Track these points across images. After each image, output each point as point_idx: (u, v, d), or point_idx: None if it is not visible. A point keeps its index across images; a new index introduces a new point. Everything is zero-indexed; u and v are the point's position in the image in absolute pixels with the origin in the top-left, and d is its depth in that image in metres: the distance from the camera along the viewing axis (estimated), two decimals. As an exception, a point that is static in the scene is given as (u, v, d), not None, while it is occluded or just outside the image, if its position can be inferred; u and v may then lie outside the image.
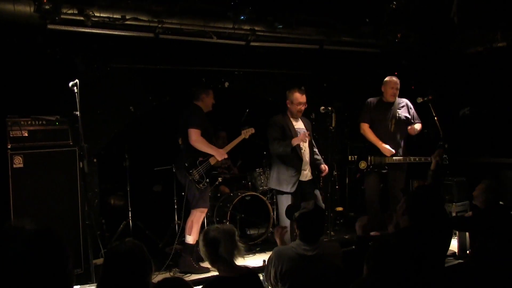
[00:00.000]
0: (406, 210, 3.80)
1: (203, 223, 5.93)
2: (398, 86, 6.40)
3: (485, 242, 4.28)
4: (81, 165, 4.53)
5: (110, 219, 6.58)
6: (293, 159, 5.76)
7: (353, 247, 5.19)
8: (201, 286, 3.21)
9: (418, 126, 6.42)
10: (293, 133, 5.78)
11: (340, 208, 7.56)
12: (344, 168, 7.68)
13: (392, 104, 6.42)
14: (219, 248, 3.16)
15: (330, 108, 5.79)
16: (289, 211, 4.32)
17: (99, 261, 4.72)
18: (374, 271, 2.78)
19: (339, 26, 7.01)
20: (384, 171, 6.38)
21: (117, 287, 2.33)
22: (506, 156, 7.20)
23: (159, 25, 5.87)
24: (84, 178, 4.51)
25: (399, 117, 6.34)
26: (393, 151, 6.28)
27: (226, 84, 7.14)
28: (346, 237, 6.60)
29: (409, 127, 6.40)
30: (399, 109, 6.41)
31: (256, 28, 6.45)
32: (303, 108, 5.81)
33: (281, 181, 5.81)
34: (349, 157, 7.55)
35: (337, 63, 7.77)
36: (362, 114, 6.57)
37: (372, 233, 6.58)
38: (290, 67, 7.56)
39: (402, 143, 6.43)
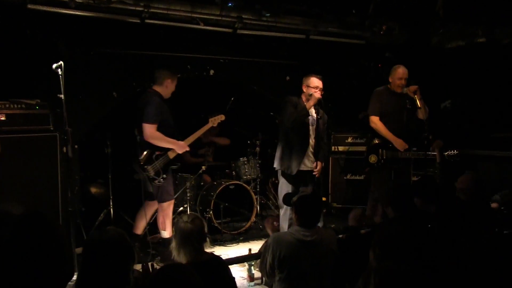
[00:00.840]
0: (391, 202, 3.80)
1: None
2: (407, 76, 5.97)
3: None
4: (64, 150, 4.29)
5: (91, 208, 6.32)
6: (300, 142, 5.54)
7: (340, 236, 5.10)
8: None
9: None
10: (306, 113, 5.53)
11: (323, 199, 7.42)
12: (328, 158, 7.53)
13: (401, 93, 5.95)
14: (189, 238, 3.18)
15: None
16: (287, 197, 4.21)
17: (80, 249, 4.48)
18: (383, 256, 2.73)
19: (326, 16, 6.87)
20: (396, 166, 6.01)
21: (98, 275, 2.25)
22: (485, 148, 7.17)
23: (145, 10, 5.65)
24: (68, 163, 4.24)
25: (411, 108, 5.87)
26: (407, 145, 5.93)
27: (212, 71, 6.95)
28: (332, 226, 6.47)
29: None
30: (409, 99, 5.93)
31: (243, 16, 6.28)
32: (320, 93, 5.50)
33: (284, 162, 5.59)
34: (333, 147, 7.47)
35: (322, 53, 7.63)
36: (371, 105, 6.12)
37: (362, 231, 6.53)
38: (276, 57, 7.42)
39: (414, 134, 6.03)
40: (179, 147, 5.30)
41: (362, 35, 7.24)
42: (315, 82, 5.54)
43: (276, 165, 5.71)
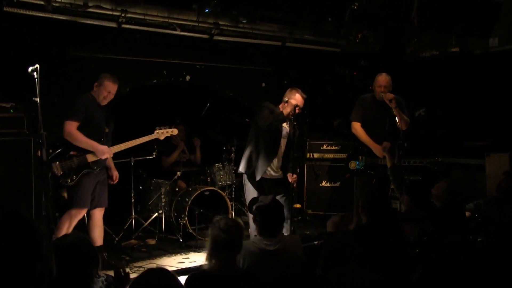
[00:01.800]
0: (363, 208, 3.88)
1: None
2: (387, 84, 6.00)
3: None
4: (39, 154, 4.28)
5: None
6: (269, 149, 5.55)
7: (315, 242, 5.22)
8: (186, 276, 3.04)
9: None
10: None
11: (298, 205, 7.54)
12: (303, 165, 7.66)
13: (385, 102, 5.92)
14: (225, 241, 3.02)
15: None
16: (250, 204, 4.25)
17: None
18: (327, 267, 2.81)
19: (302, 23, 7.02)
20: (375, 172, 6.07)
21: (61, 278, 2.21)
22: (458, 156, 7.35)
23: (122, 14, 5.73)
24: (42, 167, 4.27)
25: (395, 117, 5.81)
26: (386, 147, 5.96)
27: (188, 77, 7.02)
28: (307, 233, 6.58)
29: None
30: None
31: (220, 22, 6.40)
32: (298, 111, 5.54)
33: (250, 166, 5.59)
34: (308, 154, 7.60)
35: (298, 60, 7.76)
36: (354, 112, 6.21)
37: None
38: (252, 63, 7.53)
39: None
40: (100, 151, 5.02)
41: (337, 43, 7.40)
42: (299, 100, 5.54)
43: (241, 168, 5.70)
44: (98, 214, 5.26)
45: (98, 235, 5.23)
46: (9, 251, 1.46)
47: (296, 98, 5.55)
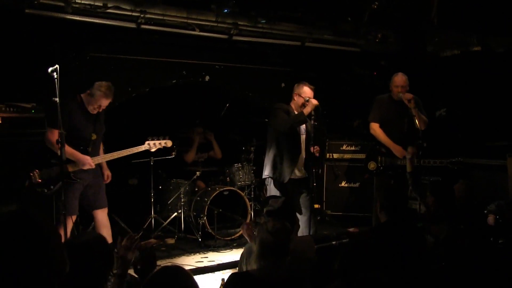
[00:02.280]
0: (382, 207, 3.82)
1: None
2: (404, 84, 5.97)
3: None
4: (59, 153, 4.33)
5: (84, 212, 6.37)
6: (292, 149, 5.56)
7: (333, 242, 5.18)
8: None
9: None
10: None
11: (317, 206, 7.50)
12: (322, 165, 7.62)
13: (403, 103, 5.89)
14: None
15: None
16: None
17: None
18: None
19: (321, 23, 6.97)
20: (395, 173, 6.02)
21: (75, 278, 2.21)
22: (479, 157, 7.25)
23: (141, 15, 5.72)
24: (61, 166, 4.30)
25: (414, 117, 5.75)
26: (405, 152, 5.86)
27: (207, 77, 7.02)
28: (325, 233, 6.54)
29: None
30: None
31: (239, 22, 6.36)
32: (307, 103, 5.49)
33: (275, 169, 5.59)
34: (327, 154, 7.56)
35: (317, 60, 7.72)
36: (372, 112, 6.20)
37: (350, 229, 6.60)
38: (271, 63, 7.52)
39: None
40: (82, 162, 4.77)
41: (356, 42, 7.32)
42: (308, 92, 5.56)
43: (267, 173, 5.69)
44: (101, 215, 5.15)
45: (105, 234, 4.94)
46: (12, 251, 1.45)
47: (305, 92, 5.56)
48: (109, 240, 4.97)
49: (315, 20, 6.89)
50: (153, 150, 5.24)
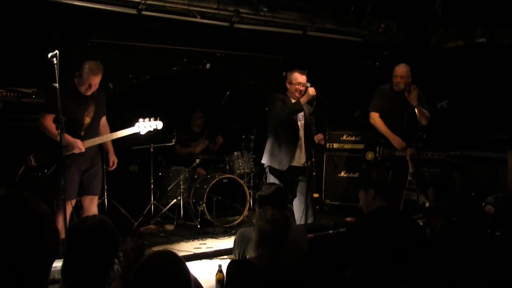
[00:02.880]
0: (376, 192, 3.81)
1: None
2: (404, 74, 5.90)
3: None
4: (58, 139, 4.34)
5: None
6: (289, 137, 5.55)
7: (330, 231, 5.19)
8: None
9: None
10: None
11: (316, 195, 7.51)
12: (322, 155, 7.62)
13: (401, 93, 5.87)
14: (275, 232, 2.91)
15: None
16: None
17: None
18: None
19: (323, 13, 6.93)
20: (393, 164, 6.00)
21: (81, 262, 2.26)
22: (479, 149, 7.23)
23: (143, 1, 5.72)
24: (61, 152, 4.32)
25: (414, 109, 5.75)
26: (405, 144, 5.90)
27: (208, 65, 7.03)
28: (323, 222, 6.54)
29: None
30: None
31: (241, 10, 6.35)
32: (301, 88, 5.47)
33: (274, 158, 5.59)
34: (327, 144, 7.55)
35: (319, 50, 7.70)
36: (373, 102, 6.15)
37: (348, 219, 6.61)
38: (273, 52, 7.50)
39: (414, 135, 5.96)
40: (70, 145, 4.68)
41: (359, 33, 7.29)
42: (298, 78, 5.49)
43: (265, 161, 5.71)
44: (88, 202, 5.06)
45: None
46: (3, 233, 1.45)
47: (295, 78, 5.51)
48: None
49: (317, 9, 6.86)
50: (143, 132, 5.06)
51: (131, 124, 5.06)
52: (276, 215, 2.97)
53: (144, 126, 5.02)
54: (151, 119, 5.07)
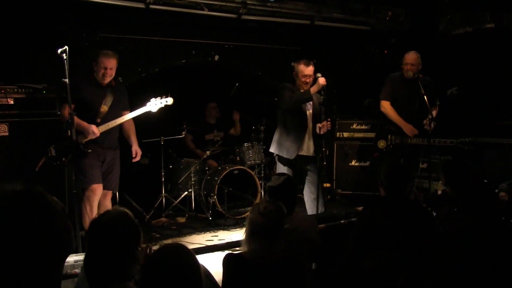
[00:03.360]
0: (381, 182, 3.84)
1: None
2: (415, 62, 5.89)
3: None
4: (69, 133, 4.38)
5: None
6: (297, 126, 5.55)
7: (341, 221, 5.19)
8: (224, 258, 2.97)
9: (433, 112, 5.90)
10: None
11: (327, 185, 7.49)
12: (332, 144, 7.60)
13: (415, 81, 5.82)
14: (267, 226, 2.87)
15: None
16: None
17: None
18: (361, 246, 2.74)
19: (330, 2, 6.90)
20: (405, 152, 6.00)
21: (104, 255, 2.23)
22: (490, 136, 7.18)
23: (150, -5, 5.72)
24: (72, 146, 4.35)
25: (424, 96, 5.71)
26: (416, 131, 5.89)
27: (216, 57, 7.00)
28: (335, 211, 6.53)
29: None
30: (424, 88, 5.77)
31: (248, 1, 6.33)
32: (308, 80, 5.44)
33: (281, 146, 5.60)
34: (337, 133, 7.53)
35: (327, 39, 7.68)
36: (383, 90, 6.13)
37: (359, 208, 6.59)
38: (281, 42, 7.47)
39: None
40: (86, 131, 4.87)
41: (367, 21, 7.25)
42: (304, 70, 5.46)
43: (273, 149, 5.73)
44: (102, 196, 5.15)
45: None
46: (18, 228, 1.42)
47: (302, 71, 5.48)
48: None
49: (324, -2, 6.84)
50: (154, 110, 5.11)
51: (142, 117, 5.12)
52: (269, 207, 2.93)
53: (155, 103, 5.08)
54: (162, 96, 5.14)
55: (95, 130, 4.87)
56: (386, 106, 6.09)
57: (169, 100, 5.15)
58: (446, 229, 3.85)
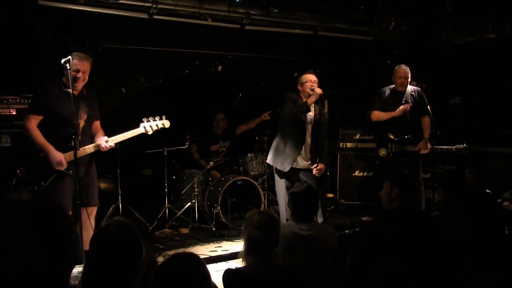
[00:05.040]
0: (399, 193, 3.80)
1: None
2: (407, 75, 6.12)
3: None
4: (72, 144, 4.27)
5: (99, 202, 6.36)
6: (296, 139, 5.47)
7: (346, 231, 5.13)
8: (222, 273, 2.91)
9: (426, 119, 6.12)
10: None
11: (330, 195, 7.42)
12: (335, 154, 7.53)
13: (404, 93, 6.15)
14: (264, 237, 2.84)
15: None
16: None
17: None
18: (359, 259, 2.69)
19: (334, 12, 6.86)
20: (405, 159, 6.12)
21: (105, 267, 2.18)
22: (494, 145, 7.13)
23: (154, 5, 5.68)
24: (76, 156, 4.24)
25: (412, 107, 6.05)
26: (407, 106, 6.02)
27: (220, 67, 6.96)
28: (339, 222, 6.46)
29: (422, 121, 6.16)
30: (411, 98, 6.13)
31: (251, 12, 6.29)
32: (314, 85, 5.36)
33: (277, 158, 5.54)
34: (341, 143, 7.47)
35: (330, 49, 7.64)
36: (375, 102, 6.36)
37: (363, 218, 6.52)
38: (284, 53, 7.42)
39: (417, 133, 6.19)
40: (51, 159, 4.19)
41: (370, 31, 7.20)
42: (309, 76, 5.46)
43: (269, 160, 5.69)
44: (85, 215, 4.43)
45: (85, 237, 4.23)
46: (39, 235, 1.43)
47: (306, 77, 5.47)
48: (86, 247, 3.96)
49: (327, 9, 6.79)
50: (150, 133, 4.63)
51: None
52: (263, 219, 2.91)
53: (150, 125, 4.61)
54: (156, 118, 4.68)
55: (63, 162, 4.24)
56: (375, 112, 6.27)
57: (166, 123, 4.71)
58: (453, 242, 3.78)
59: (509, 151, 6.93)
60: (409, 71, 6.13)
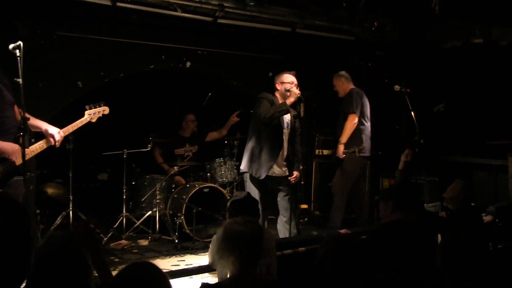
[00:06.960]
0: (397, 204, 3.74)
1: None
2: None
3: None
4: (20, 141, 4.02)
5: (47, 210, 6.15)
6: (273, 143, 5.35)
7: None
8: None
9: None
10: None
11: (305, 206, 7.32)
12: (310, 162, 7.44)
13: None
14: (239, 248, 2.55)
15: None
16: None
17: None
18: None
19: (314, 8, 6.81)
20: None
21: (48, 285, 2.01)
22: (479, 156, 7.19)
23: (118, -9, 5.51)
24: (23, 155, 4.00)
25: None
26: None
27: (188, 63, 6.82)
28: (314, 233, 6.36)
29: None
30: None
31: (225, 4, 6.17)
32: (295, 85, 5.34)
33: (253, 165, 5.41)
34: (316, 150, 7.39)
35: (309, 48, 7.61)
36: (354, 105, 6.46)
37: (341, 231, 6.43)
38: (259, 50, 7.35)
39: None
40: (9, 151, 3.99)
41: (352, 30, 7.17)
42: (289, 77, 5.40)
43: (243, 167, 5.54)
44: None
45: None
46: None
47: (286, 77, 5.42)
48: None
49: (307, 4, 6.74)
50: (94, 120, 4.51)
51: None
52: (247, 218, 2.65)
53: (94, 112, 4.50)
54: (97, 105, 4.55)
55: (14, 150, 4.00)
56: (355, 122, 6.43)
57: (106, 110, 4.59)
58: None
59: (494, 163, 7.01)
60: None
